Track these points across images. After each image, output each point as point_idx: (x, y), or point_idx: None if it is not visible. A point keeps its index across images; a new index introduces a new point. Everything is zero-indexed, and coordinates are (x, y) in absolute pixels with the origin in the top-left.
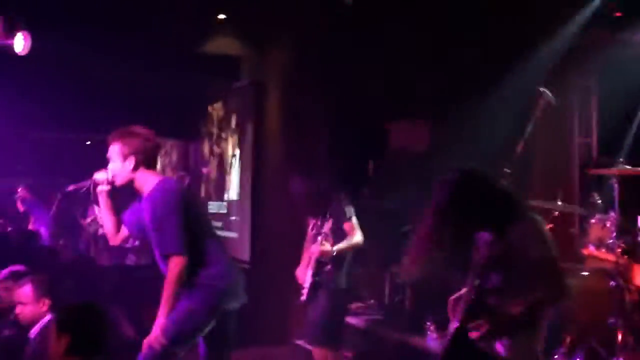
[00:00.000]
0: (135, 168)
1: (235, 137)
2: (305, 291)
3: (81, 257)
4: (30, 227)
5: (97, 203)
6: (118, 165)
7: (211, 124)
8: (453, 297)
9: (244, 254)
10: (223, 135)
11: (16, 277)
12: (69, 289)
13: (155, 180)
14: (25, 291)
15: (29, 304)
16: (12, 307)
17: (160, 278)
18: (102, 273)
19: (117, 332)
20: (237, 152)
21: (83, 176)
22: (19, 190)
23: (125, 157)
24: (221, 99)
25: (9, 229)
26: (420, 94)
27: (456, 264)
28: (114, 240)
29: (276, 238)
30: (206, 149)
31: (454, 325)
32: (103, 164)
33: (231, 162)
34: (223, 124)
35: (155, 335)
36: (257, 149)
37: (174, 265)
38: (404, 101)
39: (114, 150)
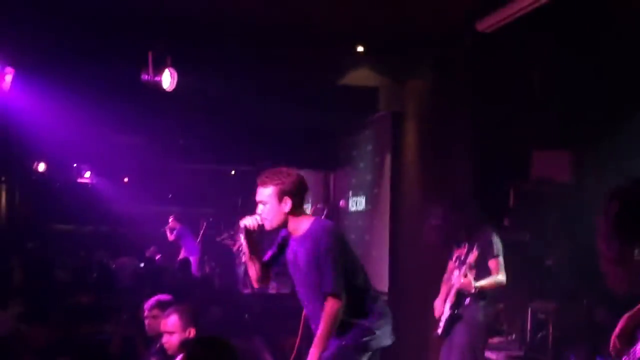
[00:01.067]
0: (292, 210)
1: (374, 168)
2: (441, 324)
3: (227, 286)
4: (181, 255)
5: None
6: (273, 207)
7: (350, 155)
8: (617, 334)
9: (383, 285)
10: (362, 166)
11: (163, 306)
12: (215, 318)
13: (309, 219)
14: (172, 321)
15: (176, 333)
16: (159, 335)
17: (300, 308)
18: (245, 301)
19: None
20: (375, 183)
21: (227, 205)
22: (169, 220)
23: (281, 199)
24: (359, 131)
25: (158, 256)
26: (565, 122)
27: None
28: (259, 284)
29: (415, 270)
30: (345, 180)
31: None
32: (244, 193)
33: (369, 194)
34: (361, 155)
35: None
36: (395, 180)
37: (331, 306)
38: (547, 129)
39: (267, 193)
